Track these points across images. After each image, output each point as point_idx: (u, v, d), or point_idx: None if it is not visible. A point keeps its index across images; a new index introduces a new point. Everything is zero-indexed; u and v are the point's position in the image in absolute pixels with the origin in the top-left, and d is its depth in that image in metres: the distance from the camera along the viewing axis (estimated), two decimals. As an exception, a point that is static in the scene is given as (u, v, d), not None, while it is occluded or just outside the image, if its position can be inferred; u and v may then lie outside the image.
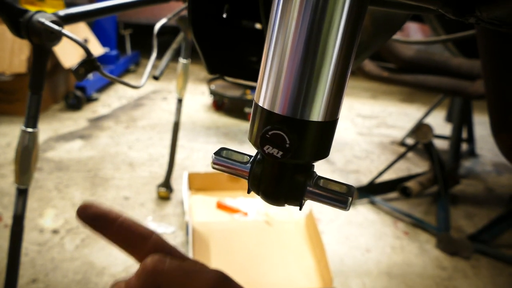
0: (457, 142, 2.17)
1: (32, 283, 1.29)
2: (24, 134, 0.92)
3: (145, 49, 4.19)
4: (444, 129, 2.78)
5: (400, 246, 1.65)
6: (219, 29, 0.74)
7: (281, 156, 0.34)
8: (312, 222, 1.52)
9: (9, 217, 1.59)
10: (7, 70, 2.39)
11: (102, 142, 2.34)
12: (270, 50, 0.34)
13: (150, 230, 0.35)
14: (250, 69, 0.82)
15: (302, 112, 0.34)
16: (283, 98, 0.34)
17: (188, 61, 1.62)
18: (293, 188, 0.37)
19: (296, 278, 1.35)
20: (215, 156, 0.40)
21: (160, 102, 3.13)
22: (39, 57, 0.88)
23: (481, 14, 0.35)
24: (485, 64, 0.70)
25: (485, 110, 0.72)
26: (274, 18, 0.34)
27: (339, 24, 0.32)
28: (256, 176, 0.38)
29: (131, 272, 1.36)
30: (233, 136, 2.61)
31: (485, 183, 2.29)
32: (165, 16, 1.30)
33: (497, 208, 2.01)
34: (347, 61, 0.34)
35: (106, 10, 1.04)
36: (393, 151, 2.59)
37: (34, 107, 0.91)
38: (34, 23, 0.82)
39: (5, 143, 2.19)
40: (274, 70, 0.34)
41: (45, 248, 1.45)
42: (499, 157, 2.64)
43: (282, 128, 0.33)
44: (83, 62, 0.83)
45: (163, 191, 1.80)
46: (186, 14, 1.27)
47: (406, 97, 3.83)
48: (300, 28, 0.32)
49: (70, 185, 1.87)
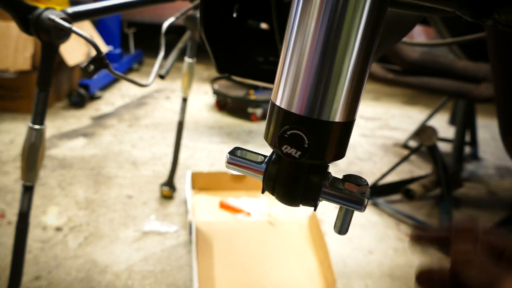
0: (460, 145, 2.17)
1: (35, 280, 1.29)
2: (31, 131, 0.92)
3: (149, 48, 4.20)
4: (447, 132, 2.78)
5: (402, 248, 1.65)
6: (228, 29, 0.74)
7: (299, 156, 0.34)
8: (315, 223, 1.52)
9: (13, 214, 1.59)
10: (11, 67, 2.39)
11: (105, 140, 2.34)
12: (289, 49, 0.34)
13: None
14: (257, 69, 0.82)
15: (319, 112, 0.34)
16: (301, 98, 0.34)
17: (194, 60, 1.62)
18: (309, 188, 0.37)
19: (299, 278, 1.35)
20: (229, 155, 0.40)
21: (163, 101, 3.14)
22: (47, 54, 0.88)
23: (499, 17, 0.35)
24: (494, 66, 0.70)
25: (489, 113, 0.72)
26: (293, 19, 0.34)
27: (359, 26, 0.32)
28: (272, 176, 0.38)
29: (134, 271, 1.35)
30: (236, 136, 2.61)
31: (488, 186, 2.28)
32: (169, 16, 1.30)
33: (500, 212, 2.01)
34: (365, 62, 0.34)
35: (113, 8, 1.05)
36: (395, 153, 2.59)
37: (42, 104, 0.92)
38: (43, 20, 0.82)
39: (8, 140, 2.19)
40: (292, 69, 0.34)
41: (48, 245, 1.45)
42: (502, 160, 2.63)
43: (301, 128, 0.33)
44: (93, 60, 0.83)
45: (166, 190, 1.80)
46: (193, 13, 1.27)
47: (409, 99, 3.82)
48: (319, 28, 0.32)
49: (73, 183, 1.87)
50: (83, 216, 1.64)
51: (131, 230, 1.58)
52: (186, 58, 1.61)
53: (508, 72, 0.67)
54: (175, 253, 1.48)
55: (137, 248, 1.48)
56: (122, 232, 1.56)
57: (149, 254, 1.46)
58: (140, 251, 1.47)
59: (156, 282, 1.34)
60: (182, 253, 1.48)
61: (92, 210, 1.68)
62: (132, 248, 1.48)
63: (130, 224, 1.62)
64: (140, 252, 1.47)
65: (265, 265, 1.39)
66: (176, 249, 1.50)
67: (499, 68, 0.68)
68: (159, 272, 1.38)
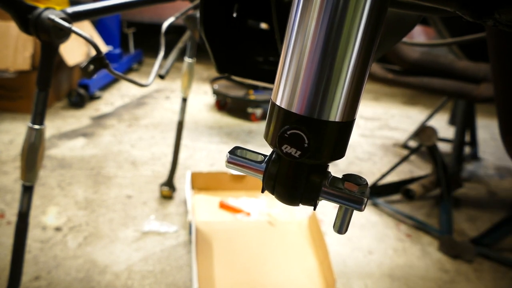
0: (460, 145, 2.17)
1: (35, 281, 1.29)
2: (31, 131, 0.92)
3: (148, 48, 4.20)
4: (447, 132, 2.78)
5: (402, 248, 1.65)
6: (228, 29, 0.74)
7: (299, 155, 0.34)
8: (315, 223, 1.52)
9: (12, 214, 1.59)
10: (10, 67, 2.39)
11: (105, 140, 2.34)
12: (289, 49, 0.34)
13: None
14: (257, 69, 0.82)
15: (319, 112, 0.34)
16: (301, 98, 0.34)
17: (194, 60, 1.62)
18: (309, 188, 0.37)
19: (299, 278, 1.35)
20: (229, 154, 0.40)
21: (163, 101, 3.13)
22: (47, 54, 0.88)
23: (499, 17, 0.35)
24: (494, 66, 0.70)
25: (489, 113, 0.72)
26: (294, 18, 0.34)
27: (359, 26, 0.32)
28: (272, 176, 0.38)
29: (134, 271, 1.36)
30: (235, 136, 2.61)
31: (488, 186, 2.28)
32: (169, 16, 1.30)
33: (500, 212, 2.01)
34: (366, 62, 0.34)
35: (113, 8, 1.05)
36: (395, 153, 2.59)
37: (41, 104, 0.91)
38: (43, 20, 0.82)
39: (7, 140, 2.19)
40: (293, 69, 0.34)
41: (47, 245, 1.45)
42: (501, 160, 2.64)
43: (301, 128, 0.33)
44: (92, 60, 0.83)
45: (166, 190, 1.80)
46: (193, 13, 1.27)
47: (409, 99, 3.83)
48: (320, 28, 0.32)
49: (73, 182, 1.87)
50: (82, 216, 1.63)
51: (131, 230, 1.58)
52: (186, 58, 1.61)
53: (508, 72, 0.67)
54: (174, 253, 1.48)
55: (136, 248, 1.48)
56: (121, 232, 1.56)
57: (149, 254, 1.46)
58: (140, 251, 1.47)
59: (156, 282, 1.34)
60: (182, 253, 1.48)
61: (91, 210, 1.68)
62: (132, 248, 1.48)
63: (130, 224, 1.61)
64: (139, 252, 1.46)
65: (265, 265, 1.39)
66: (176, 249, 1.50)
67: (499, 68, 0.68)
68: (159, 272, 1.38)
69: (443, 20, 1.89)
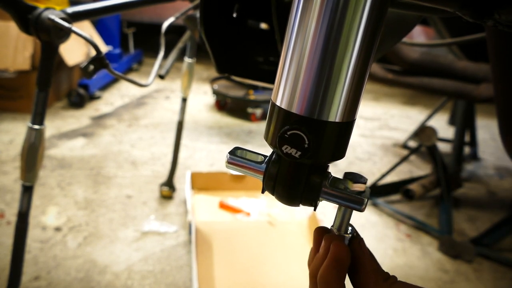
0: (459, 145, 2.17)
1: (35, 281, 1.29)
2: (31, 131, 0.92)
3: (148, 48, 4.20)
4: (447, 132, 2.78)
5: (402, 249, 1.65)
6: (228, 29, 0.74)
7: (299, 156, 0.34)
8: (315, 223, 1.52)
9: (12, 214, 1.59)
10: (10, 67, 2.39)
11: (105, 140, 2.34)
12: (289, 50, 0.34)
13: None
14: (257, 69, 0.82)
15: (320, 112, 0.34)
16: (301, 98, 0.34)
17: (194, 60, 1.62)
18: (309, 188, 0.37)
19: (299, 278, 1.35)
20: (229, 155, 0.40)
21: (162, 101, 3.13)
22: (47, 54, 0.88)
23: (499, 17, 0.35)
24: (494, 66, 0.70)
25: (489, 113, 0.72)
26: (294, 19, 0.34)
27: (359, 26, 0.32)
28: (272, 176, 0.38)
29: (134, 271, 1.36)
30: (235, 136, 2.60)
31: (488, 186, 2.29)
32: (169, 16, 1.30)
33: (500, 212, 2.01)
34: (366, 62, 0.34)
35: (113, 8, 1.04)
36: (395, 154, 2.59)
37: (41, 104, 0.91)
38: (43, 20, 0.82)
39: (7, 140, 2.19)
40: (293, 70, 0.34)
41: (47, 245, 1.45)
42: (501, 161, 2.64)
43: (301, 128, 0.33)
44: (92, 60, 0.83)
45: (165, 190, 1.80)
46: (193, 13, 1.27)
47: (408, 99, 3.83)
48: (320, 28, 0.32)
49: (73, 182, 1.87)
50: (82, 216, 1.63)
51: (131, 230, 1.58)
52: (185, 58, 1.61)
53: (508, 72, 0.67)
54: (174, 253, 1.48)
55: (136, 248, 1.48)
56: (121, 232, 1.56)
57: (149, 254, 1.46)
58: (140, 251, 1.47)
59: (156, 282, 1.34)
60: (182, 253, 1.48)
61: (91, 210, 1.68)
62: (132, 248, 1.48)
63: (130, 224, 1.61)
64: (139, 252, 1.46)
65: (265, 265, 1.39)
66: (176, 249, 1.50)
67: (499, 68, 0.68)
68: (159, 272, 1.38)
69: (443, 20, 1.89)
